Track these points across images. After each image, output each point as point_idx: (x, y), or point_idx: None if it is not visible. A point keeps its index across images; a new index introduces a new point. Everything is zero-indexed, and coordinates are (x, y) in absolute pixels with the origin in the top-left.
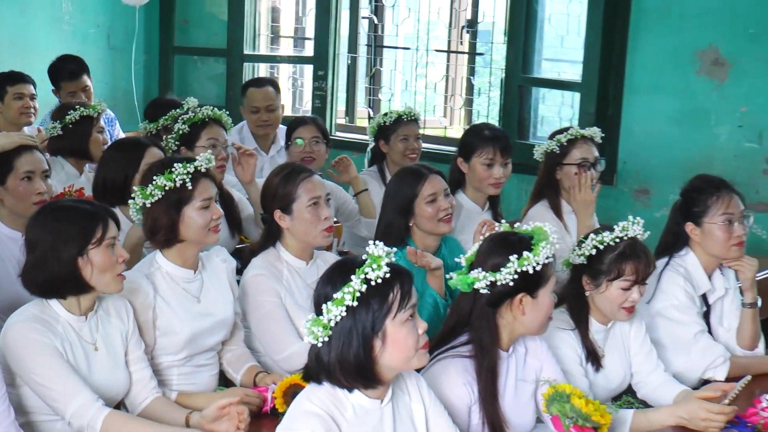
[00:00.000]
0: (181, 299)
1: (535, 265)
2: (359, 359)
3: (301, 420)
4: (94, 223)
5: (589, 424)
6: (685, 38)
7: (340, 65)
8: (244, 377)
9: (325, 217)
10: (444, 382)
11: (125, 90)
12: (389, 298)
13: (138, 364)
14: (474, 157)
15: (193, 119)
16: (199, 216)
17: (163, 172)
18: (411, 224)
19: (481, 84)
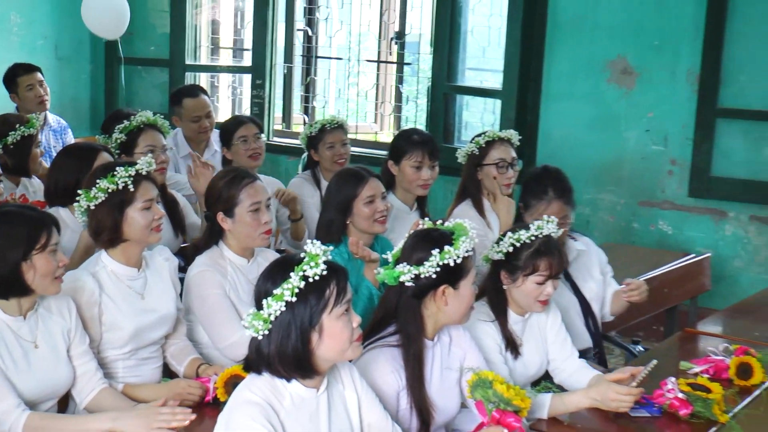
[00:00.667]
0: (125, 296)
1: (455, 258)
2: (297, 351)
3: (241, 408)
4: (39, 229)
5: (510, 408)
6: (597, 49)
7: (276, 75)
8: (187, 369)
9: (265, 222)
10: (374, 370)
11: (73, 98)
12: (326, 294)
13: (83, 357)
14: (404, 160)
15: (130, 127)
16: (141, 216)
17: (106, 175)
18: (348, 222)
19: (409, 92)
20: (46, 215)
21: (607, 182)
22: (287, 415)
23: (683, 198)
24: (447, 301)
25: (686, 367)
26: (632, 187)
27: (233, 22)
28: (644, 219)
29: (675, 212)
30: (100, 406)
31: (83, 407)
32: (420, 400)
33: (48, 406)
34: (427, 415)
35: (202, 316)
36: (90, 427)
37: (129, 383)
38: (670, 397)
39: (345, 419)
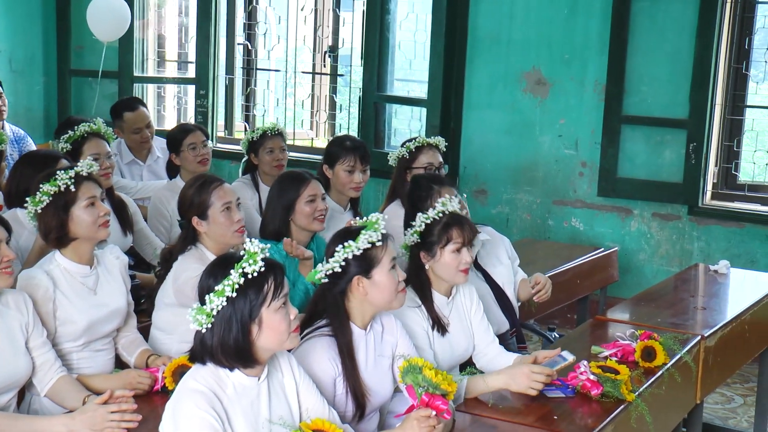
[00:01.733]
0: (78, 292)
1: (354, 250)
2: (238, 343)
3: (186, 397)
4: None
5: (438, 392)
6: (513, 62)
7: (219, 85)
8: (137, 359)
9: (237, 219)
10: (311, 359)
11: (27, 108)
12: (264, 289)
13: (41, 349)
14: (337, 164)
15: (74, 137)
16: (86, 213)
17: (49, 180)
18: (290, 220)
19: (343, 101)
20: None
21: (524, 183)
22: (230, 402)
23: (593, 197)
24: (365, 290)
25: (597, 351)
26: (547, 187)
27: (177, 36)
28: (558, 216)
29: (585, 210)
30: (59, 392)
31: (44, 394)
32: (355, 386)
33: (8, 398)
34: (362, 398)
35: None
36: (43, 428)
37: (83, 374)
38: (582, 379)
39: (285, 404)
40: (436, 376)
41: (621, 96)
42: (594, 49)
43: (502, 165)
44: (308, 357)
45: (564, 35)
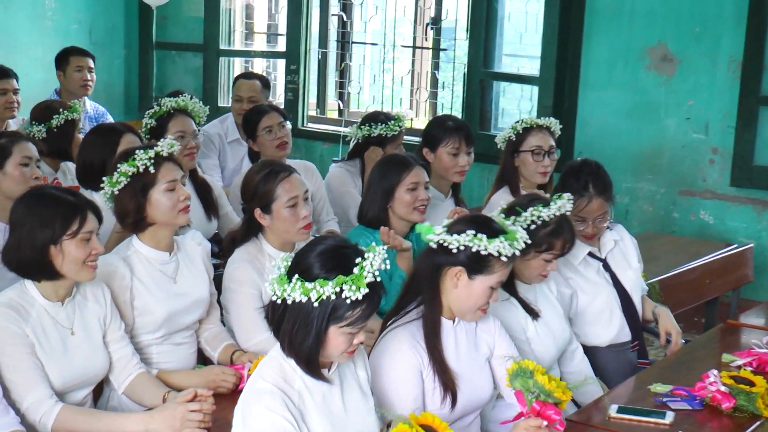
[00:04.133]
0: (157, 280)
1: (481, 248)
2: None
3: (256, 399)
4: (72, 214)
5: (551, 400)
6: (636, 36)
7: (311, 60)
8: (221, 355)
9: (304, 216)
10: (394, 350)
11: (107, 84)
12: (347, 314)
13: (118, 343)
14: (439, 147)
15: (159, 112)
16: (165, 198)
17: (127, 159)
18: (388, 207)
19: (445, 78)
20: (84, 201)
21: (646, 171)
22: (301, 398)
23: (724, 187)
24: (457, 284)
25: (728, 359)
26: (672, 175)
27: (267, 6)
28: (684, 208)
29: (716, 201)
30: (137, 390)
31: (121, 392)
32: (441, 369)
33: (84, 394)
34: (450, 384)
35: (231, 312)
36: (121, 427)
37: (163, 369)
38: (712, 390)
39: (359, 396)
40: (549, 383)
41: (759, 74)
42: (729, 22)
43: (621, 150)
44: (390, 348)
45: (694, 6)
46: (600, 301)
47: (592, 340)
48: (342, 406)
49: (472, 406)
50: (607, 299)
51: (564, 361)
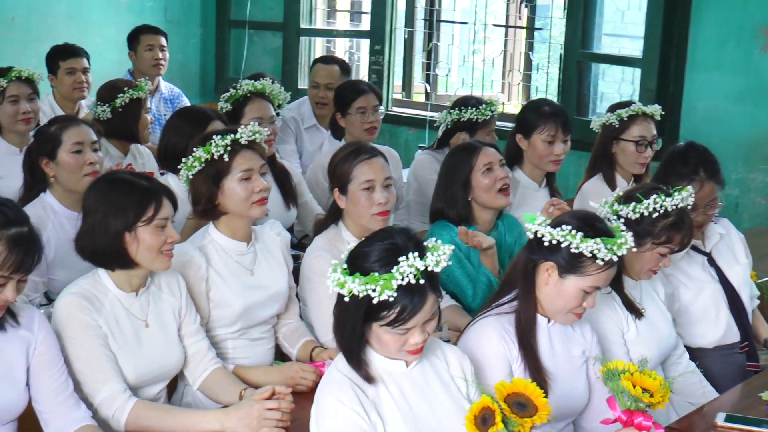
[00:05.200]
0: (233, 271)
1: (573, 246)
2: (347, 340)
3: (327, 390)
4: (147, 200)
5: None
6: (749, 14)
7: (396, 40)
8: (300, 352)
9: (378, 202)
10: (481, 337)
11: (182, 64)
12: (383, 313)
13: (194, 337)
14: (534, 133)
15: (235, 96)
16: (239, 188)
17: (204, 144)
18: (470, 199)
19: (540, 59)
20: (159, 187)
21: (759, 160)
22: (375, 390)
23: None
24: (548, 281)
25: None
26: None
27: None
28: None
29: None
30: (213, 386)
31: (196, 388)
32: (534, 365)
33: (158, 390)
34: (543, 382)
35: (309, 304)
36: (196, 425)
37: (240, 365)
38: None
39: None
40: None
41: None
42: None
43: (731, 138)
44: (480, 338)
45: None
46: (705, 298)
47: (697, 341)
48: (426, 405)
49: (566, 412)
50: (713, 296)
51: (668, 366)
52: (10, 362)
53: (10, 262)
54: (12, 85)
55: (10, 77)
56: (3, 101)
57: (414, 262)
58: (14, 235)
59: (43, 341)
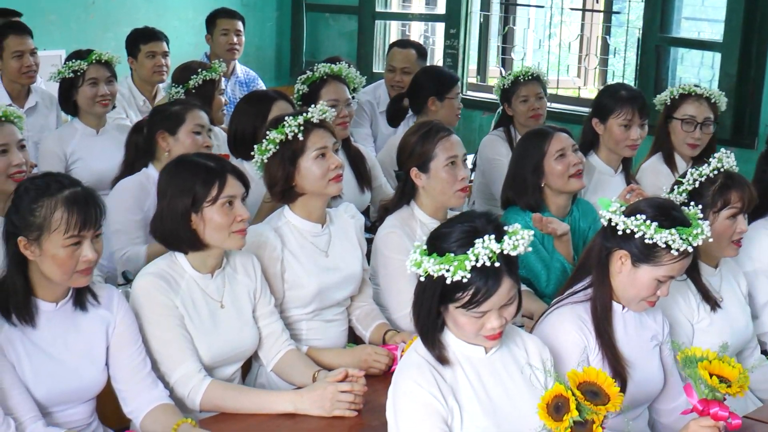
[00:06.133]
0: (308, 253)
1: (647, 236)
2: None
3: (406, 372)
4: (210, 179)
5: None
6: None
7: (472, 23)
8: (373, 334)
9: (462, 177)
10: (558, 327)
11: (258, 48)
12: (458, 295)
13: (268, 318)
14: (611, 118)
15: (312, 78)
16: (315, 166)
17: (277, 126)
18: (542, 185)
19: (617, 44)
20: (223, 165)
21: None
22: (453, 374)
23: None
24: (621, 269)
25: None
26: None
27: None
28: None
29: None
30: (287, 367)
31: (270, 369)
32: (612, 354)
33: (233, 370)
34: (622, 370)
35: (382, 280)
36: (269, 406)
37: (313, 346)
38: None
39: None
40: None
41: None
42: None
43: None
44: (555, 328)
45: None
46: None
47: None
48: (503, 392)
49: (642, 397)
50: None
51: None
52: (91, 341)
53: (74, 221)
54: (92, 67)
55: (90, 60)
56: (82, 83)
57: (489, 245)
58: (69, 195)
59: (123, 320)
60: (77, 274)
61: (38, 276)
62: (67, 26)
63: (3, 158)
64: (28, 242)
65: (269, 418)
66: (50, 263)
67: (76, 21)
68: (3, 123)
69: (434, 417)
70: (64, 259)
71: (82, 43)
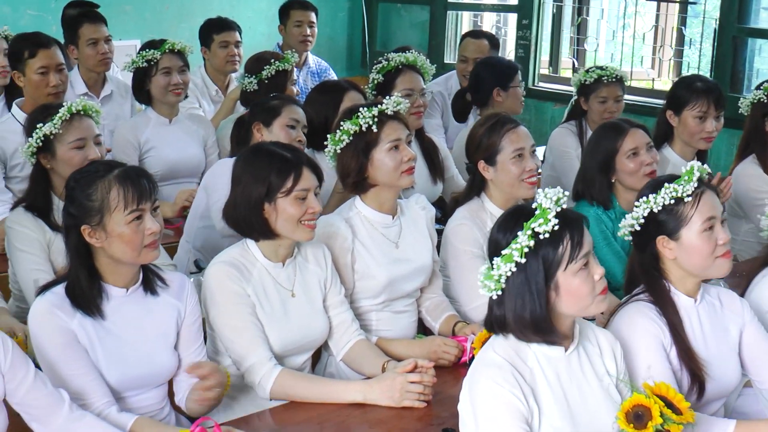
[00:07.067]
0: (379, 244)
1: (655, 206)
2: (535, 314)
3: (483, 371)
4: (287, 171)
5: None
6: None
7: (545, 14)
8: (442, 326)
9: (529, 169)
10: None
11: (329, 38)
12: (559, 250)
13: (338, 308)
14: (685, 110)
15: (387, 67)
16: (388, 158)
17: (350, 117)
18: (613, 180)
19: (693, 34)
20: (300, 157)
21: None
22: (532, 376)
23: None
24: (671, 251)
25: None
26: None
27: None
28: None
29: None
30: (356, 357)
31: (340, 359)
32: (689, 357)
33: (303, 359)
34: (698, 371)
35: (452, 272)
36: (339, 395)
37: (382, 337)
38: None
39: (594, 379)
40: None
41: None
42: None
43: None
44: (633, 320)
45: None
46: None
47: None
48: (578, 392)
49: (718, 394)
50: None
51: None
52: (163, 325)
53: (130, 196)
54: (165, 57)
55: (164, 49)
56: (156, 73)
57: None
58: (119, 174)
59: (191, 312)
60: (146, 249)
61: (106, 262)
62: (142, 17)
63: (80, 153)
64: (92, 229)
65: (338, 408)
66: (118, 243)
67: (151, 11)
68: (81, 117)
69: (516, 417)
70: (130, 236)
71: (157, 34)
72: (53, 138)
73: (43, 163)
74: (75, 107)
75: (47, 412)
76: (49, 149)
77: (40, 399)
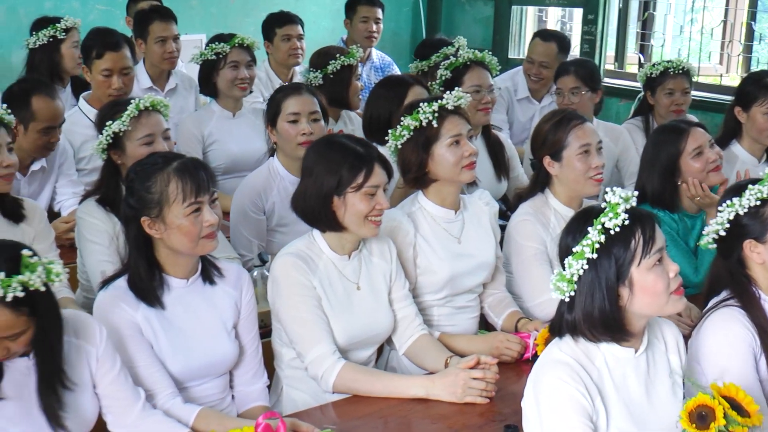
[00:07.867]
0: (441, 239)
1: (740, 210)
2: (604, 312)
3: (549, 369)
4: (359, 166)
5: None
6: None
7: (611, 9)
8: (505, 322)
9: (595, 165)
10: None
11: (393, 33)
12: (631, 245)
13: (402, 302)
14: (755, 106)
15: (455, 64)
16: (448, 153)
17: (411, 112)
18: (680, 183)
19: (762, 29)
20: (372, 153)
21: None
22: (600, 376)
23: None
24: (759, 255)
25: None
26: None
27: None
28: None
29: None
30: (419, 352)
31: (402, 353)
32: None
33: (369, 354)
34: None
35: (516, 268)
36: (401, 390)
37: (445, 332)
38: None
39: (666, 381)
40: None
41: None
42: None
43: None
44: (726, 326)
45: None
46: None
47: None
48: (644, 393)
49: None
50: None
51: None
52: (223, 314)
53: (189, 188)
54: (234, 51)
55: (233, 43)
56: (224, 66)
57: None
58: (178, 166)
59: (248, 304)
60: (203, 240)
61: (166, 254)
62: (208, 12)
63: (149, 149)
64: (151, 221)
65: (401, 402)
66: (177, 234)
67: (217, 6)
68: (150, 113)
69: (581, 413)
70: (189, 228)
71: (222, 28)
72: (122, 135)
73: (114, 159)
74: (143, 104)
75: (123, 405)
76: (118, 146)
77: (120, 392)
